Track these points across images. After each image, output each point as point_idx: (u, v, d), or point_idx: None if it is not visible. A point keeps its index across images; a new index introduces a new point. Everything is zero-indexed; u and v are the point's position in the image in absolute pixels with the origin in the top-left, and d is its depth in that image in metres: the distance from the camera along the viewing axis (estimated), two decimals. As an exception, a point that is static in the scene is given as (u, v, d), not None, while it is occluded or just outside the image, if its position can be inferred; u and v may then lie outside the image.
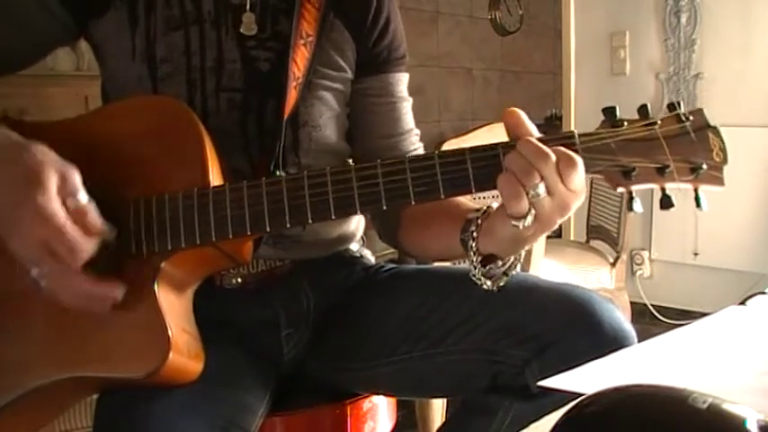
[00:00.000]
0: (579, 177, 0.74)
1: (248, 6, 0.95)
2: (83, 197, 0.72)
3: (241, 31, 0.95)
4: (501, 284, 0.84)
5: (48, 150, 0.73)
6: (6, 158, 0.72)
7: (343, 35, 1.00)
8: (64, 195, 0.71)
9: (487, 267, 0.83)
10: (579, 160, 0.74)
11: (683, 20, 3.00)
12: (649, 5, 3.11)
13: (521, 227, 0.75)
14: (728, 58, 2.93)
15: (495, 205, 0.82)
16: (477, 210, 0.84)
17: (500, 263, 0.83)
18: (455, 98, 4.55)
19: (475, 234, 0.82)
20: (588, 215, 2.81)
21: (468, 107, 4.64)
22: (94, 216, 0.73)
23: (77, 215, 0.71)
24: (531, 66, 4.93)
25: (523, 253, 0.84)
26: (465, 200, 0.89)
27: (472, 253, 0.82)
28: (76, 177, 0.73)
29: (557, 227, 0.79)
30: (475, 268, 0.83)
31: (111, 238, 0.75)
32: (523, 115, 0.78)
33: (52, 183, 0.70)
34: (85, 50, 2.86)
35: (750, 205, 2.86)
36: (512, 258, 0.83)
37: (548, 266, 2.19)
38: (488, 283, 0.83)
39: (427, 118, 4.32)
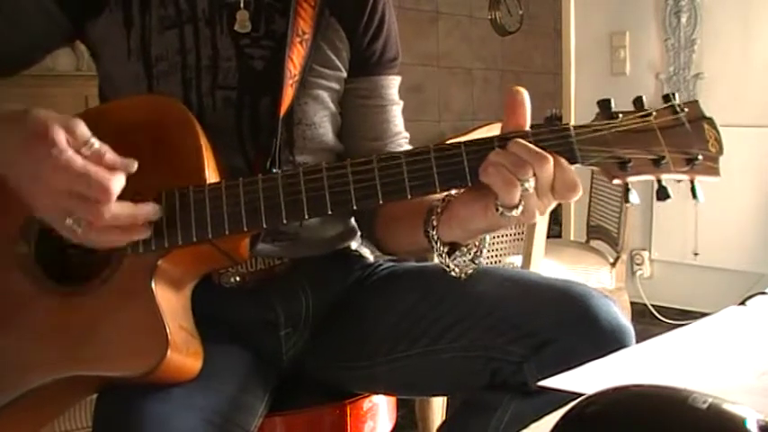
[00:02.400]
0: (574, 197, 0.76)
1: (242, 4, 0.95)
2: (95, 142, 0.74)
3: (235, 28, 0.95)
4: (469, 272, 0.85)
5: (46, 109, 0.74)
6: (10, 127, 0.74)
7: (338, 33, 1.00)
8: (76, 147, 0.73)
9: (452, 256, 0.85)
10: (579, 185, 0.75)
11: (683, 20, 3.00)
12: (649, 5, 3.11)
13: (514, 214, 0.75)
14: (728, 58, 2.93)
15: (453, 192, 0.83)
16: (439, 199, 0.85)
17: (464, 249, 0.85)
18: (455, 98, 4.55)
19: (435, 222, 0.83)
20: (588, 215, 2.81)
21: (468, 107, 4.64)
22: (112, 154, 0.74)
23: (96, 159, 0.73)
24: (531, 66, 4.93)
25: (488, 238, 0.85)
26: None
27: (434, 241, 0.84)
28: (82, 127, 0.74)
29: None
30: (440, 255, 0.84)
31: (134, 169, 0.75)
32: (526, 99, 0.78)
33: (61, 135, 0.72)
34: (85, 50, 2.85)
35: (750, 205, 2.86)
36: (475, 248, 0.85)
37: (548, 266, 2.19)
38: (456, 270, 0.85)
39: (427, 118, 4.32)
